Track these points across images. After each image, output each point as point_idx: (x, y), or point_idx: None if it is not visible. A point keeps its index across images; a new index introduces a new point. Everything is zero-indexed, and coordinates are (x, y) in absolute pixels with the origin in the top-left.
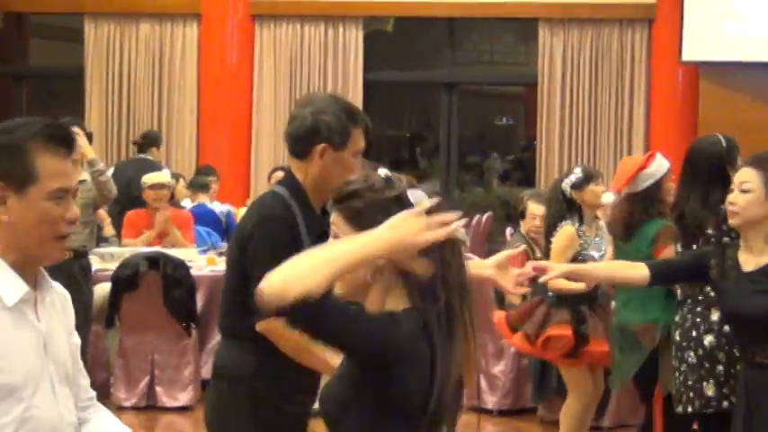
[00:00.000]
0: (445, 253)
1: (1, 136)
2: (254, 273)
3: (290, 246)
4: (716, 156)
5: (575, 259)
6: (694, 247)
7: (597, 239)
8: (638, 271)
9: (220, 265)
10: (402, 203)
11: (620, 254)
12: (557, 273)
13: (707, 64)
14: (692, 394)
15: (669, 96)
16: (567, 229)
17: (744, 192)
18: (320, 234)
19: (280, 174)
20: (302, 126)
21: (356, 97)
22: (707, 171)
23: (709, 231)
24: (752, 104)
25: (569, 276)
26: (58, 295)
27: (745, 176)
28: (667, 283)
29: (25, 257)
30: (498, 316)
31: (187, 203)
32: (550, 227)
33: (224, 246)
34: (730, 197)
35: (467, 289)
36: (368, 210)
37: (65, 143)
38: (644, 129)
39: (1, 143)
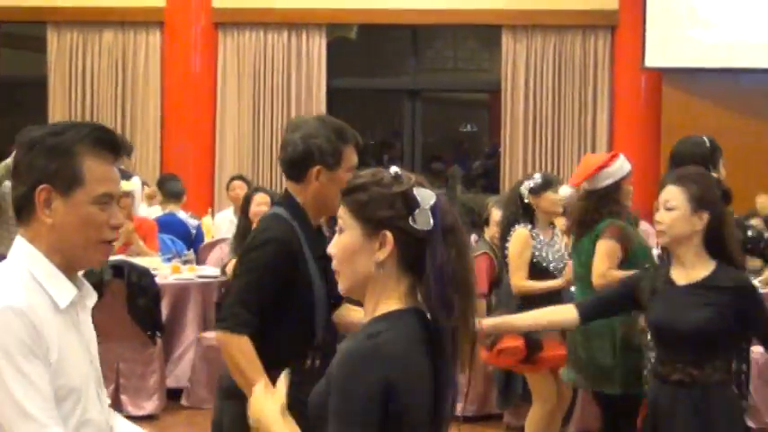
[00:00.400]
0: (452, 258)
1: (50, 138)
2: (235, 285)
3: (284, 270)
4: (699, 157)
5: (531, 261)
6: None
7: (554, 243)
8: (566, 314)
9: (185, 274)
10: (407, 199)
11: (574, 253)
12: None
13: (670, 70)
14: None
15: (632, 102)
16: (520, 233)
17: (669, 210)
18: (322, 255)
19: (237, 183)
20: (295, 152)
21: (320, 105)
22: None
23: None
24: (714, 110)
25: (497, 329)
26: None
27: (668, 195)
28: (599, 317)
29: (68, 261)
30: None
31: (155, 210)
32: (504, 231)
33: (189, 254)
34: (656, 216)
35: (471, 290)
36: (372, 203)
37: (112, 148)
38: (607, 135)
39: (50, 145)
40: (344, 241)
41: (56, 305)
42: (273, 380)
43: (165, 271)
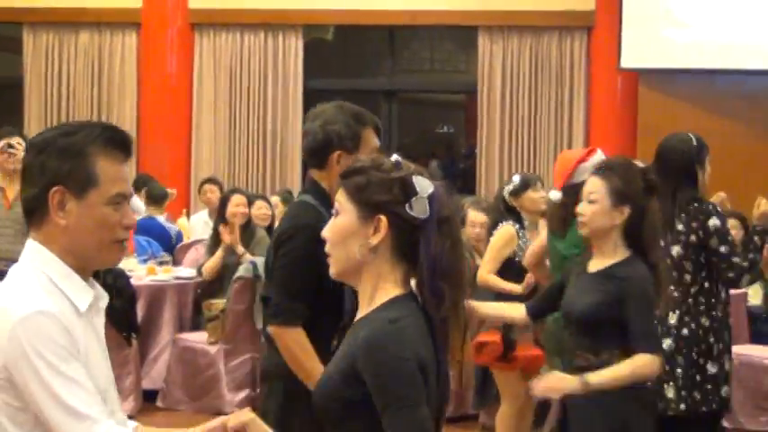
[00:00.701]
0: (446, 248)
1: (62, 139)
2: (276, 278)
3: (318, 254)
4: (686, 153)
5: (511, 260)
6: (661, 243)
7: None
8: (517, 311)
9: (161, 275)
10: (405, 186)
11: (553, 252)
12: None
13: (646, 71)
14: None
15: (608, 103)
16: (507, 229)
17: (590, 203)
18: None
19: (208, 186)
20: (315, 140)
21: (296, 106)
22: (676, 168)
23: (679, 228)
24: (691, 111)
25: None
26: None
27: (590, 187)
28: (546, 312)
29: (81, 262)
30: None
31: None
32: (491, 230)
33: (164, 255)
34: (578, 208)
35: (463, 282)
36: (370, 186)
37: (124, 148)
38: (583, 136)
39: (62, 146)
40: (340, 224)
41: (76, 308)
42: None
43: (141, 272)
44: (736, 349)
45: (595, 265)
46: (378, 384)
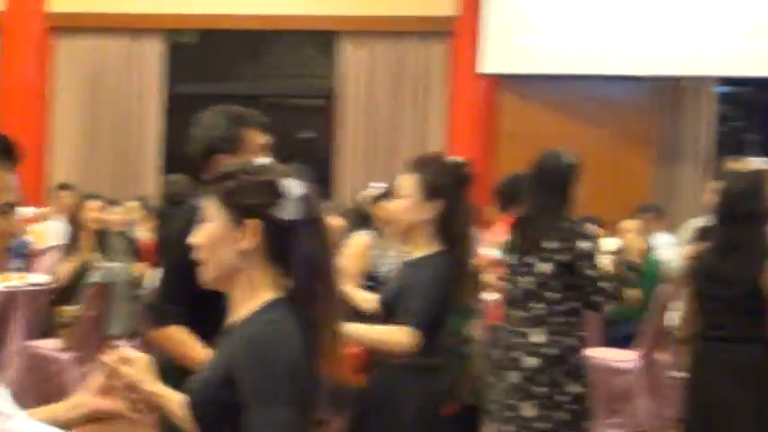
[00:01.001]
0: (317, 248)
1: None
2: (159, 284)
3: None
4: (561, 174)
5: (367, 272)
6: (528, 260)
7: (390, 255)
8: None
9: (14, 282)
10: (275, 188)
11: None
12: None
13: (505, 76)
14: (510, 414)
15: (469, 108)
16: (359, 239)
17: (401, 197)
18: None
19: (63, 192)
20: (198, 147)
21: (159, 111)
22: (552, 188)
23: (550, 246)
24: (552, 116)
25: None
26: None
27: (401, 182)
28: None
29: None
30: None
31: None
32: (348, 232)
33: (17, 263)
34: (390, 204)
35: (335, 283)
36: (240, 190)
37: (10, 156)
38: (444, 141)
39: None
40: (210, 230)
41: None
42: None
43: None
44: (589, 352)
45: (409, 258)
46: (251, 383)
